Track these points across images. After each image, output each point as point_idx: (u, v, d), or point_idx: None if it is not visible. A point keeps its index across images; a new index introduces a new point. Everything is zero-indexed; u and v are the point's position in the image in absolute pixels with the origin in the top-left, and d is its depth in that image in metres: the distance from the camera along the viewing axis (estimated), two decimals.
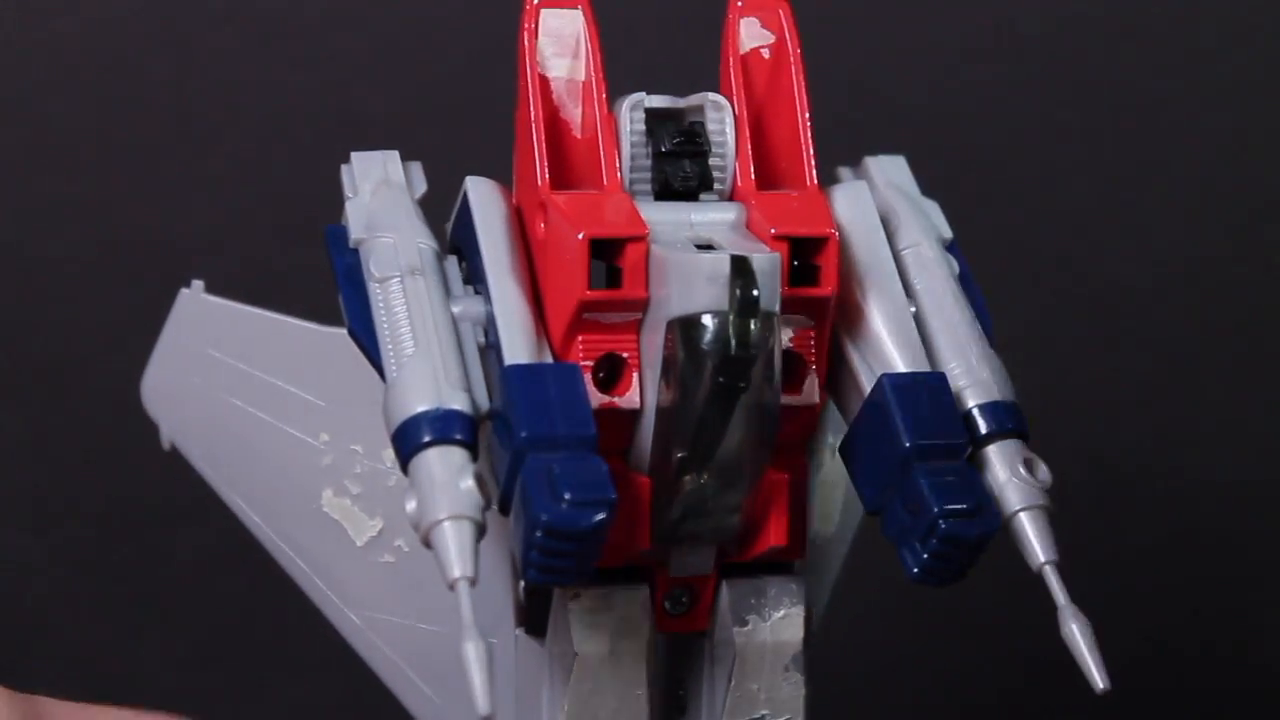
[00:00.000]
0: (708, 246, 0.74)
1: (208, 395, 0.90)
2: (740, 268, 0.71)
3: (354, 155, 0.81)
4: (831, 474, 0.89)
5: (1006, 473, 0.76)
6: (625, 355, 0.74)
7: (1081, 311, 1.54)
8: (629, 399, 0.74)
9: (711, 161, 0.78)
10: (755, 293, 0.71)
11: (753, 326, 0.71)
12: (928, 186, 0.86)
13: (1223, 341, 1.55)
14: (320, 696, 1.44)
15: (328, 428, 0.86)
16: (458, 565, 0.68)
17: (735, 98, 0.79)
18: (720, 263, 0.72)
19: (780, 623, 0.80)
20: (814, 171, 0.79)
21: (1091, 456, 1.50)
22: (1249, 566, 1.54)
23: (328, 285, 0.79)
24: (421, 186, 0.81)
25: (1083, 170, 1.53)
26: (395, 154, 0.81)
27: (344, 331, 0.78)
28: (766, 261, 0.72)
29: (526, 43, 0.78)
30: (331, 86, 1.45)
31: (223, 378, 0.89)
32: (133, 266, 1.43)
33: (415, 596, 0.85)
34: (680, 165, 0.77)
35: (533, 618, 0.80)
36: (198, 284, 0.90)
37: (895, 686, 1.51)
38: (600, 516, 0.68)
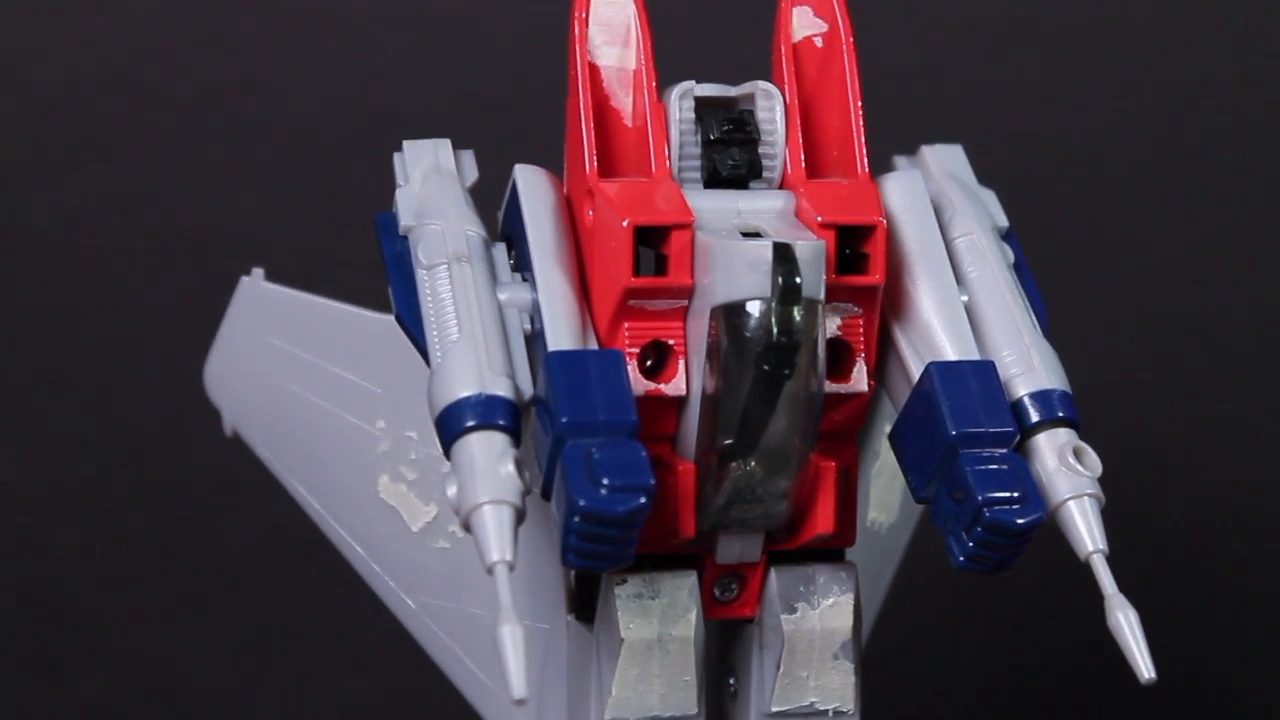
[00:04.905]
0: (755, 234, 0.74)
1: (268, 382, 0.91)
2: (783, 255, 0.71)
3: (406, 143, 0.82)
4: (891, 463, 0.89)
5: (1055, 461, 0.75)
6: (671, 342, 0.74)
7: (1136, 302, 1.52)
8: (675, 386, 0.75)
9: (761, 150, 0.78)
10: (798, 280, 0.71)
11: (795, 314, 0.71)
12: (985, 175, 0.86)
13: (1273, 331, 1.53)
14: (367, 689, 1.45)
15: (384, 414, 0.87)
16: (495, 549, 0.69)
17: (786, 86, 0.79)
18: (763, 250, 0.72)
19: (829, 610, 0.79)
20: (865, 160, 0.78)
21: (1141, 447, 1.48)
22: None
23: (383, 273, 0.80)
24: (473, 174, 0.81)
25: (1139, 159, 1.51)
26: (447, 142, 0.82)
27: None
28: (810, 249, 0.72)
29: (577, 31, 0.78)
30: (388, 75, 1.45)
31: (282, 365, 0.90)
32: (193, 256, 1.44)
33: (469, 582, 0.86)
34: (729, 153, 0.77)
35: (583, 603, 0.81)
36: (258, 272, 0.91)
37: (945, 674, 1.50)
38: (638, 502, 0.68)
